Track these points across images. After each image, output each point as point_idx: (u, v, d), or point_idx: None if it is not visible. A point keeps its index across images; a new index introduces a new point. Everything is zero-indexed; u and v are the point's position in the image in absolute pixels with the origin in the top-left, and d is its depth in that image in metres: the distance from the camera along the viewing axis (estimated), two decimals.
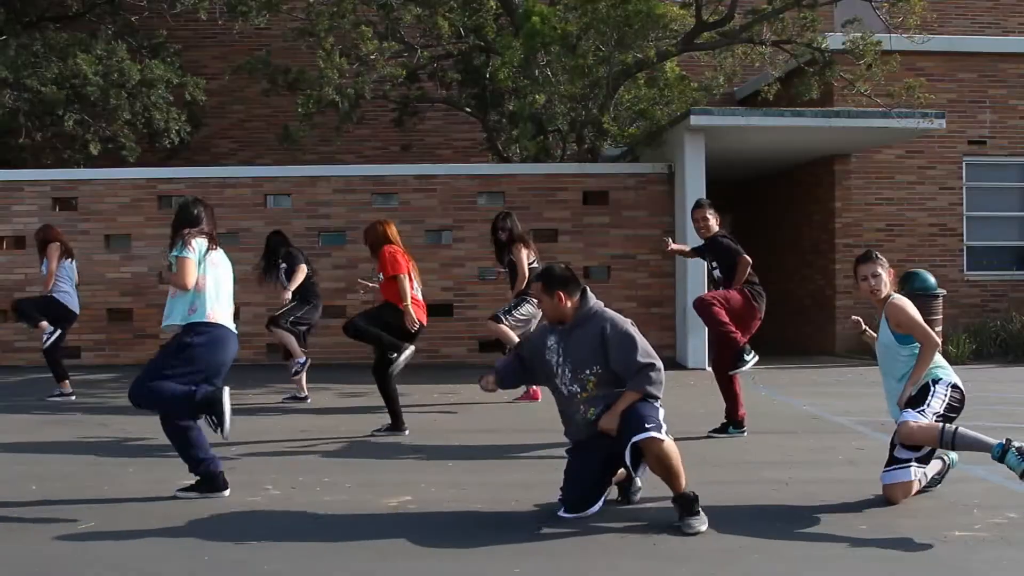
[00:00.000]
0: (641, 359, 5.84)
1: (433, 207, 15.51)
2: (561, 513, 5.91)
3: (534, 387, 10.97)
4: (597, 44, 15.05)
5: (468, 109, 18.56)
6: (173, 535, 5.57)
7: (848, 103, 15.67)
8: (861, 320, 7.09)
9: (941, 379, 6.22)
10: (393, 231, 9.36)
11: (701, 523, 5.59)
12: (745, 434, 8.81)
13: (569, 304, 6.03)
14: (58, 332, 11.46)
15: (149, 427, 9.05)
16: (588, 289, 6.17)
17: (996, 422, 9.23)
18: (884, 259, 6.50)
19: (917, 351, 6.24)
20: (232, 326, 6.55)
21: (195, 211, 6.57)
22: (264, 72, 17.43)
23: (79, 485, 6.85)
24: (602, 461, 5.93)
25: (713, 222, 9.04)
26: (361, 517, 5.97)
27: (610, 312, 6.09)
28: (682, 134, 14.74)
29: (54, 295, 11.41)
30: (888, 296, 6.41)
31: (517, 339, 10.14)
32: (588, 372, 5.91)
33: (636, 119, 16.26)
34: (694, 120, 14.24)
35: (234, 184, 15.44)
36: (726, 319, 8.56)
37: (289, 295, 10.83)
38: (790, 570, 4.99)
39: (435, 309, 13.60)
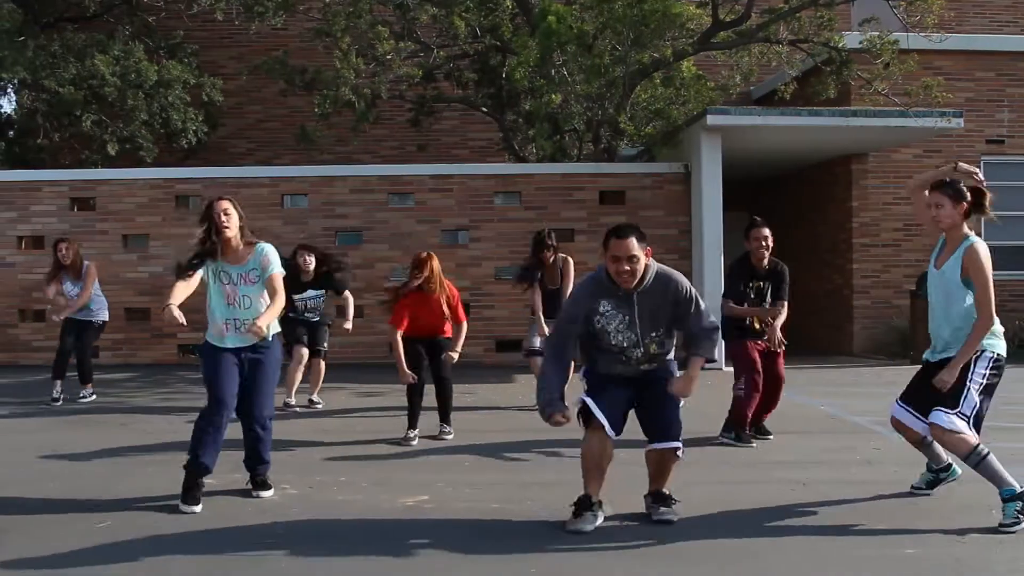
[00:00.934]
0: (708, 324, 5.84)
1: (450, 207, 15.52)
2: (584, 397, 5.76)
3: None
4: (613, 43, 15.02)
5: (484, 109, 18.55)
6: (189, 533, 5.60)
7: (865, 102, 15.60)
8: None
9: (984, 352, 5.89)
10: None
11: (674, 514, 5.84)
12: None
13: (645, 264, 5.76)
14: (93, 396, 11.48)
15: (167, 427, 9.13)
16: None
17: (1013, 422, 9.20)
18: (960, 189, 6.01)
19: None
20: None
21: None
22: (281, 72, 17.46)
23: (97, 484, 6.88)
24: (627, 400, 5.86)
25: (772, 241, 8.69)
26: (377, 516, 5.98)
27: (669, 268, 5.88)
28: (699, 134, 14.72)
29: (97, 320, 11.50)
30: (966, 236, 5.98)
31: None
32: (654, 335, 5.75)
33: (652, 119, 16.23)
34: (711, 120, 14.22)
35: (251, 184, 15.49)
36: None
37: (350, 326, 10.68)
38: (808, 571, 4.98)
39: None
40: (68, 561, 5.11)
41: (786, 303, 8.68)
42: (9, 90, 20.40)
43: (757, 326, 8.67)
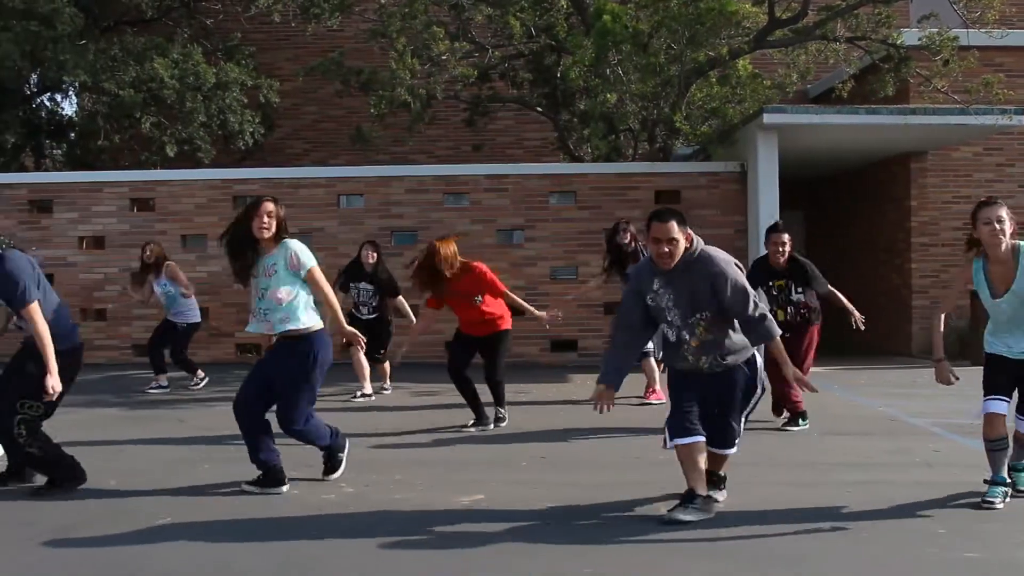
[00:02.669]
0: (753, 313, 5.82)
1: (504, 207, 15.53)
2: (668, 445, 5.96)
3: (656, 389, 10.92)
4: (669, 42, 14.96)
5: (539, 109, 18.56)
6: (247, 531, 5.65)
7: (924, 100, 15.41)
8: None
9: None
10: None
11: (721, 494, 6.22)
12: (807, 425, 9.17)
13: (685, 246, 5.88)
14: (204, 381, 12.47)
15: (224, 424, 9.19)
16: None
17: None
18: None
19: None
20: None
21: None
22: (337, 73, 17.55)
23: (155, 480, 6.97)
24: (699, 400, 6.00)
25: (790, 246, 9.24)
26: (433, 515, 6.00)
27: (716, 254, 5.91)
28: (755, 132, 14.62)
29: (182, 323, 12.30)
30: (1017, 246, 6.13)
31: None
32: (698, 316, 5.84)
33: (708, 118, 16.15)
34: (767, 118, 14.12)
35: (308, 184, 15.60)
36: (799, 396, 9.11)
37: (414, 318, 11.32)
38: (868, 574, 4.94)
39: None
40: (128, 557, 5.18)
41: (828, 287, 9.27)
42: (71, 93, 20.74)
43: (780, 317, 9.04)
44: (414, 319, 10.83)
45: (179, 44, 18.89)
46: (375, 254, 11.60)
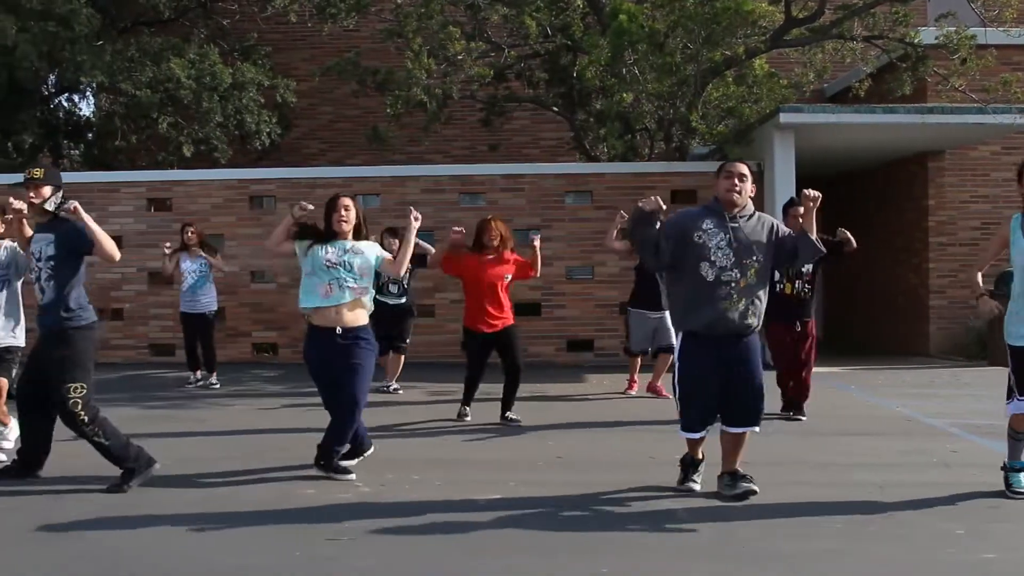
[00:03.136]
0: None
1: (521, 206, 15.52)
2: (680, 433, 6.50)
3: (659, 384, 11.41)
4: (685, 42, 14.93)
5: (555, 108, 18.55)
6: (263, 530, 5.66)
7: (942, 99, 15.33)
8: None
9: None
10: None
11: (754, 484, 6.39)
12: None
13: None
14: (216, 385, 12.52)
15: (241, 423, 9.25)
16: None
17: None
18: None
19: None
20: None
21: None
22: (353, 73, 17.57)
23: (172, 480, 6.97)
24: (715, 391, 6.35)
25: None
26: (450, 515, 6.00)
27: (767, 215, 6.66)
28: (771, 132, 14.58)
29: (216, 308, 12.96)
30: None
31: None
32: (753, 258, 6.27)
33: (724, 117, 16.10)
34: (784, 118, 14.08)
35: (324, 184, 15.58)
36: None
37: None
38: (881, 574, 4.92)
39: (523, 308, 13.62)
40: (142, 554, 5.19)
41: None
42: (88, 93, 20.82)
43: (788, 290, 9.61)
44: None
45: (196, 44, 18.95)
46: (398, 241, 11.62)
